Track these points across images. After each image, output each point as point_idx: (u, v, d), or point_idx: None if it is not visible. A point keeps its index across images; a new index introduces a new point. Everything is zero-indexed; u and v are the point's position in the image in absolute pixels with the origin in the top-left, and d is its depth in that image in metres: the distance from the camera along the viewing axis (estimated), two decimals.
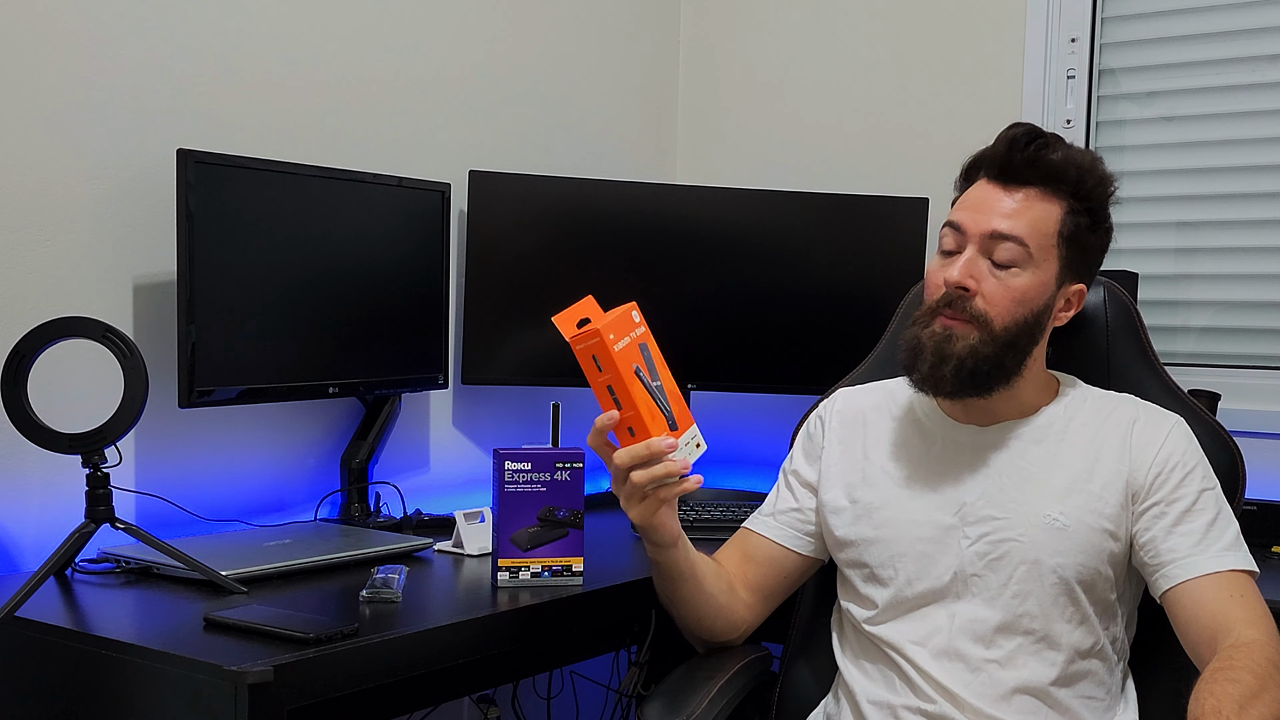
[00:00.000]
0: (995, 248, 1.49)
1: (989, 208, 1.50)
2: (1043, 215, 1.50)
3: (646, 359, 1.45)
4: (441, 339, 2.19)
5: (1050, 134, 1.53)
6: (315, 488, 2.12)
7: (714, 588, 1.59)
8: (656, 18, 2.77)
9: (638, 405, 1.41)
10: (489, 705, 2.36)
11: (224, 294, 1.83)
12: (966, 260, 1.49)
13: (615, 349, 1.40)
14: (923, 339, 1.51)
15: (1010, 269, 1.49)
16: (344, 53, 2.14)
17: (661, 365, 1.47)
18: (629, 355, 1.41)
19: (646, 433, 1.41)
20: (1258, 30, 2.27)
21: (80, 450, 1.59)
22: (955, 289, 1.49)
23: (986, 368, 1.49)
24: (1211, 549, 1.44)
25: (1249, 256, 2.30)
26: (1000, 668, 1.47)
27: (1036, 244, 1.49)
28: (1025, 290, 1.49)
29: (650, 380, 1.44)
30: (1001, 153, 1.52)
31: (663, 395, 1.45)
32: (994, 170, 1.52)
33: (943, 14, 2.52)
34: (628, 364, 1.41)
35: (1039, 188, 1.50)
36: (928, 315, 1.52)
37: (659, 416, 1.43)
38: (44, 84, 1.75)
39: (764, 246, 2.39)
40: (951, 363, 1.48)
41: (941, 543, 1.52)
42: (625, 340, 1.42)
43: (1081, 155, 1.54)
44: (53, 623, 1.48)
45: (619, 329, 1.42)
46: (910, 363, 1.53)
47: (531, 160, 2.46)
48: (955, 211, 1.54)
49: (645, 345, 1.45)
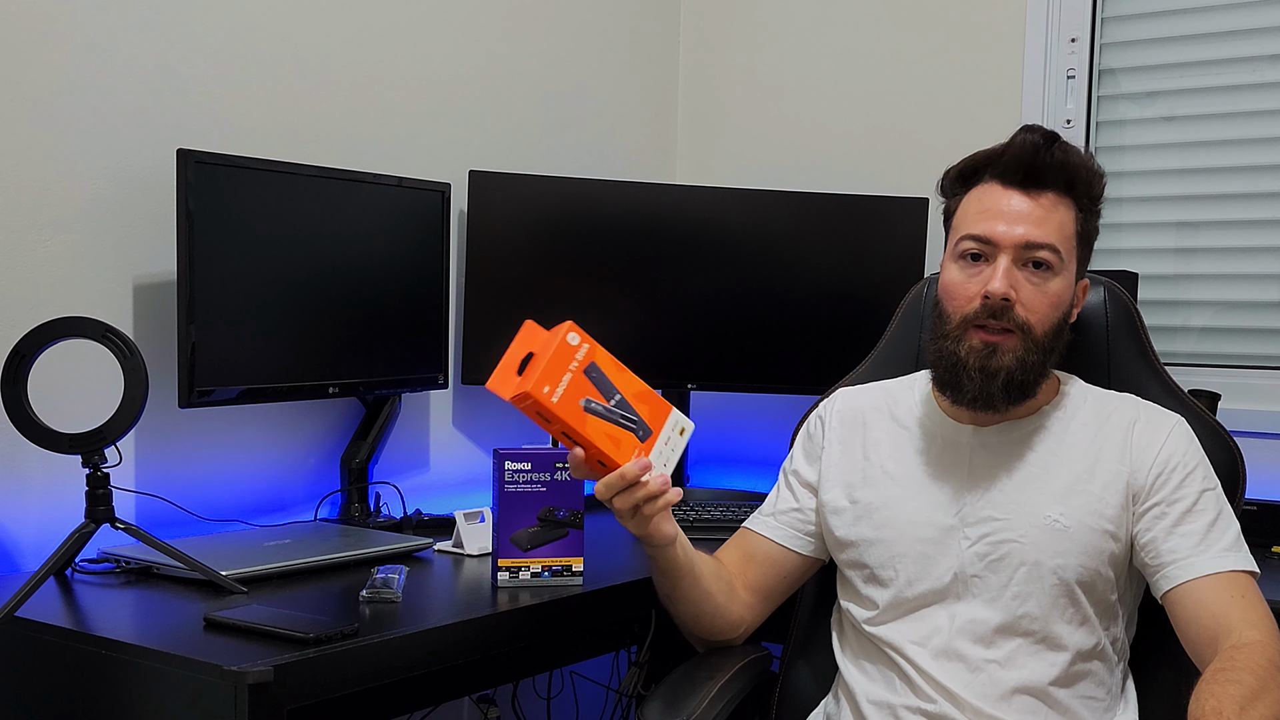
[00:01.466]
0: (1030, 255, 1.48)
1: (1017, 215, 1.49)
2: (1065, 218, 1.51)
3: (597, 379, 1.41)
4: (441, 339, 2.19)
5: (1058, 136, 1.53)
6: (315, 488, 2.12)
7: (713, 585, 1.59)
8: (656, 18, 2.77)
9: (595, 443, 1.39)
10: (489, 705, 2.36)
11: (224, 294, 1.83)
12: (1005, 271, 1.48)
13: (552, 401, 1.37)
14: (962, 356, 1.49)
15: (1046, 274, 1.49)
16: (344, 53, 2.14)
17: (618, 373, 1.44)
18: (572, 396, 1.38)
19: (614, 463, 1.40)
20: (1258, 30, 2.27)
21: (80, 450, 1.59)
22: (1000, 301, 1.48)
23: (1032, 376, 1.49)
24: (1212, 549, 1.44)
25: (1249, 256, 2.30)
26: (1000, 668, 1.47)
27: (1064, 247, 1.50)
28: (1059, 294, 1.50)
29: (607, 403, 1.41)
30: (1027, 157, 1.50)
31: (624, 409, 1.43)
32: (1015, 175, 1.50)
33: (942, 14, 2.52)
34: (572, 408, 1.38)
35: (1058, 191, 1.51)
36: (960, 328, 1.50)
37: (624, 441, 1.42)
38: (44, 84, 1.75)
39: (764, 246, 2.39)
40: (1000, 377, 1.48)
41: (941, 543, 1.52)
42: (564, 382, 1.38)
43: (1084, 155, 1.54)
44: (53, 623, 1.48)
45: (555, 370, 1.38)
46: (953, 381, 1.51)
47: (531, 160, 2.46)
48: (977, 220, 1.51)
49: (593, 364, 1.42)
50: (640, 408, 1.45)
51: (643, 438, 1.44)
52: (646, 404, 1.45)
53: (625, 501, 1.43)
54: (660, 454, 1.45)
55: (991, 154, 1.54)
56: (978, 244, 1.51)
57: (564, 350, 1.39)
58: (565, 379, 1.38)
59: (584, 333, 1.42)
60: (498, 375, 1.39)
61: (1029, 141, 1.51)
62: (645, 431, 1.44)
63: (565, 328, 1.41)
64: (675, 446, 1.46)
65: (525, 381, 1.36)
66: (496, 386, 1.39)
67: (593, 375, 1.41)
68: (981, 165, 1.54)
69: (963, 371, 1.49)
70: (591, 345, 1.43)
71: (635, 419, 1.44)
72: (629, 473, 1.41)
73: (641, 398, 1.45)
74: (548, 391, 1.36)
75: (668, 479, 1.45)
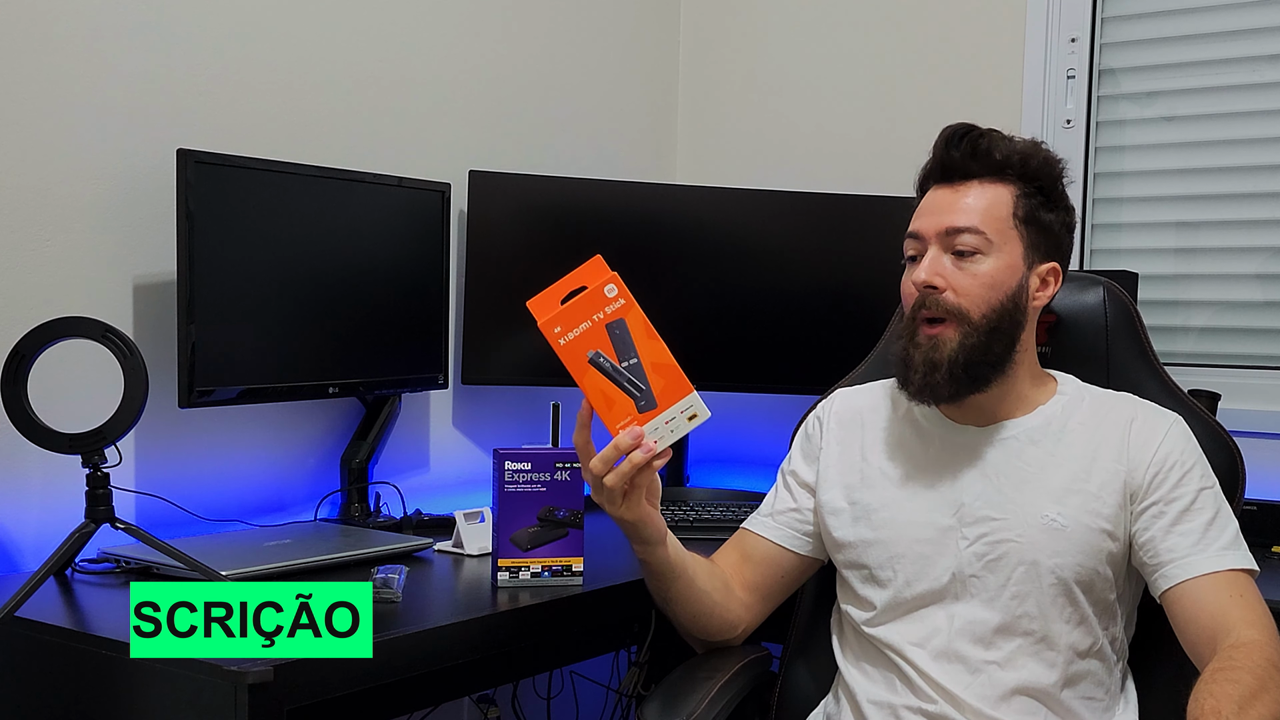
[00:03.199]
0: (954, 242, 1.51)
1: (940, 208, 1.54)
2: (994, 200, 1.52)
3: (619, 336, 1.39)
4: (441, 339, 2.19)
5: (988, 129, 1.56)
6: (315, 488, 2.12)
7: (707, 585, 1.59)
8: (656, 18, 2.77)
9: (588, 397, 1.38)
10: (489, 705, 2.36)
11: (224, 294, 1.83)
12: (930, 260, 1.52)
13: (559, 343, 1.36)
14: (910, 352, 1.53)
15: (973, 257, 1.51)
16: (344, 53, 2.14)
17: (647, 339, 1.40)
18: (582, 344, 1.37)
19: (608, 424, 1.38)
20: (1258, 30, 2.27)
21: (80, 450, 1.59)
22: (924, 289, 1.51)
23: (977, 359, 1.50)
24: (1210, 548, 1.44)
25: (1249, 256, 2.30)
26: (1000, 669, 1.48)
27: (993, 229, 1.51)
28: (993, 275, 1.51)
29: (616, 362, 1.38)
30: (940, 155, 1.55)
31: (635, 374, 1.39)
32: (938, 174, 1.56)
33: (942, 14, 2.52)
34: (577, 357, 1.37)
35: (983, 178, 1.53)
36: (910, 327, 1.54)
37: (618, 404, 1.38)
38: (44, 84, 1.75)
39: (764, 246, 2.39)
40: (943, 368, 1.50)
41: (940, 544, 1.53)
42: (580, 328, 1.37)
43: (1021, 142, 1.56)
44: (53, 623, 1.48)
45: (577, 314, 1.37)
46: (904, 376, 1.55)
47: (531, 160, 2.46)
48: (912, 222, 1.57)
49: (621, 321, 1.39)
50: (655, 380, 1.40)
51: (642, 408, 1.40)
52: (664, 378, 1.41)
53: (614, 479, 1.41)
54: (656, 429, 1.41)
55: (927, 162, 1.59)
56: (912, 243, 1.56)
57: (596, 297, 1.39)
58: (583, 326, 1.38)
59: (625, 288, 1.40)
60: (542, 297, 1.39)
61: (940, 139, 1.56)
62: (649, 403, 1.40)
63: (608, 277, 1.40)
64: (676, 428, 1.41)
65: (548, 312, 1.36)
66: (535, 306, 1.40)
67: (615, 331, 1.39)
68: (924, 177, 1.60)
69: (909, 366, 1.52)
70: (628, 303, 1.40)
71: (642, 388, 1.40)
72: (620, 443, 1.40)
73: (661, 370, 1.41)
74: (558, 332, 1.36)
75: (652, 448, 1.41)
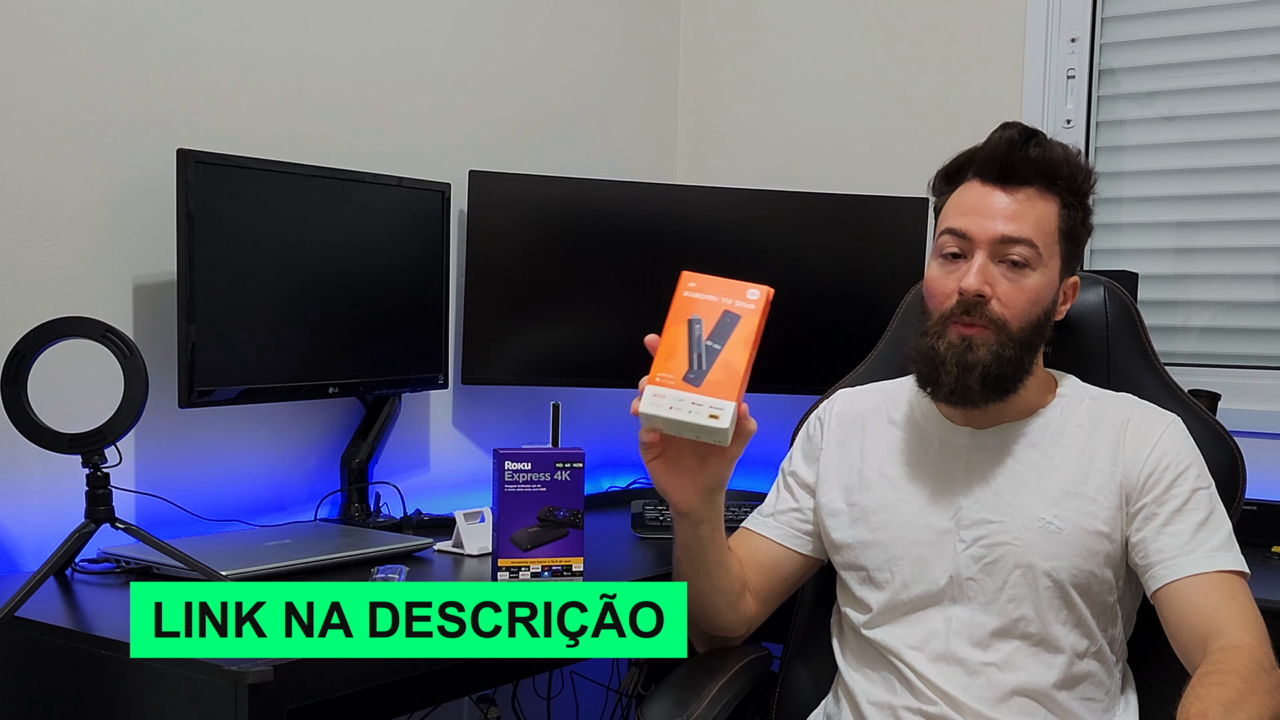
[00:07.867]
0: (1007, 251, 1.48)
1: (993, 211, 1.49)
2: (1044, 214, 1.50)
3: (724, 324, 1.42)
4: (441, 339, 2.19)
5: (1038, 131, 1.53)
6: (315, 488, 2.12)
7: (724, 585, 1.58)
8: (656, 18, 2.77)
9: (661, 339, 1.41)
10: (489, 705, 2.36)
11: (224, 294, 1.83)
12: (980, 266, 1.48)
13: (682, 295, 1.42)
14: (940, 350, 1.49)
15: (1023, 269, 1.49)
16: (344, 53, 2.14)
17: (741, 344, 1.41)
18: (693, 310, 1.43)
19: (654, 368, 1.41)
20: (1258, 30, 2.27)
21: (80, 450, 1.59)
22: (974, 296, 1.48)
23: (1010, 370, 1.49)
24: (1201, 549, 1.44)
25: (1249, 256, 2.30)
26: (998, 671, 1.47)
27: (1044, 243, 1.49)
28: (1038, 289, 1.49)
29: (704, 338, 1.42)
30: (1001, 153, 1.51)
31: (707, 355, 1.41)
32: (992, 171, 1.51)
33: (942, 14, 2.52)
34: (682, 312, 1.42)
35: (1037, 186, 1.50)
36: (940, 325, 1.50)
37: (674, 360, 1.41)
38: (44, 84, 1.75)
39: (764, 246, 2.39)
40: (977, 371, 1.47)
41: (937, 546, 1.52)
42: (705, 299, 1.43)
43: (1067, 151, 1.54)
44: (53, 623, 1.48)
45: (716, 289, 1.44)
46: (930, 375, 1.51)
47: (531, 160, 2.46)
48: (955, 217, 1.52)
49: (735, 317, 1.43)
50: (717, 371, 1.40)
51: (687, 379, 1.40)
52: (724, 375, 1.40)
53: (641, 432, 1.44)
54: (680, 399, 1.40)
55: (972, 152, 1.55)
56: (956, 240, 1.51)
57: (738, 290, 1.45)
58: (709, 299, 1.44)
59: (766, 304, 1.45)
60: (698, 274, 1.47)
61: (1005, 137, 1.51)
62: (696, 380, 1.40)
63: (757, 286, 1.45)
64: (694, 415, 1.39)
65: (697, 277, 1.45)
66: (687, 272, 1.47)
67: (725, 320, 1.43)
68: (964, 164, 1.55)
69: (940, 365, 1.49)
70: (753, 313, 1.44)
71: (702, 366, 1.41)
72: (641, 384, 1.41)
73: (727, 369, 1.41)
74: (692, 287, 1.44)
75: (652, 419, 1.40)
